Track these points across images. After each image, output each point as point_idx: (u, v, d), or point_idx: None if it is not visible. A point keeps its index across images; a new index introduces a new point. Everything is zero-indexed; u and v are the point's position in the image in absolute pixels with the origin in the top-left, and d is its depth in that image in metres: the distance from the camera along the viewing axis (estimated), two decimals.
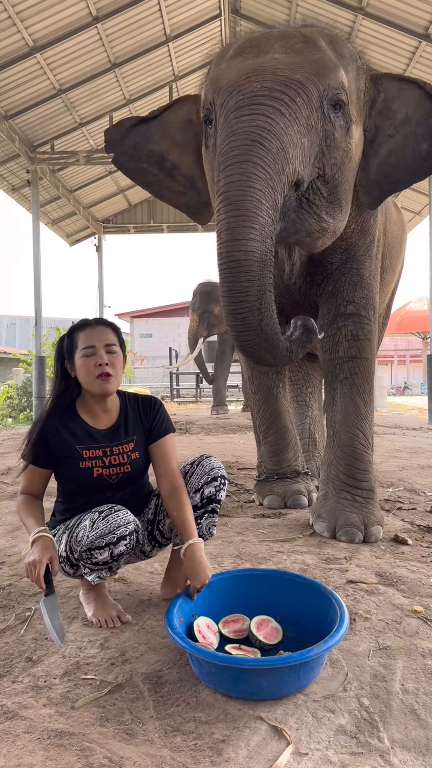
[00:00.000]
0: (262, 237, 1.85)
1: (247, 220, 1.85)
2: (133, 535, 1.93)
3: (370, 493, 3.02)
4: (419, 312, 21.98)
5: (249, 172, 1.95)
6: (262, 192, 1.94)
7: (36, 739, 1.42)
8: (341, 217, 2.68)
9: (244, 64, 2.40)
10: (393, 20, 8.74)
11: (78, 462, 2.02)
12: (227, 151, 2.08)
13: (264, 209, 1.92)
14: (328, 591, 1.87)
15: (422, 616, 2.04)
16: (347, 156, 2.56)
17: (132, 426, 2.12)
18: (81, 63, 9.55)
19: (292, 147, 2.18)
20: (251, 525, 3.20)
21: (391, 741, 1.42)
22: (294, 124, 2.21)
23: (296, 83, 2.29)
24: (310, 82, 2.33)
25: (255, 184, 1.93)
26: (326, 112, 2.38)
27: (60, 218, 14.62)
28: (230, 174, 1.98)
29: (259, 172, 1.97)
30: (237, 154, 2.01)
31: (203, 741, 1.41)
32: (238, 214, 1.86)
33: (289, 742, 1.40)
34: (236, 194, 1.91)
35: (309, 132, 2.31)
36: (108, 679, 1.69)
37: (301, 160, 2.28)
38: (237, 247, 1.81)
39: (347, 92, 2.48)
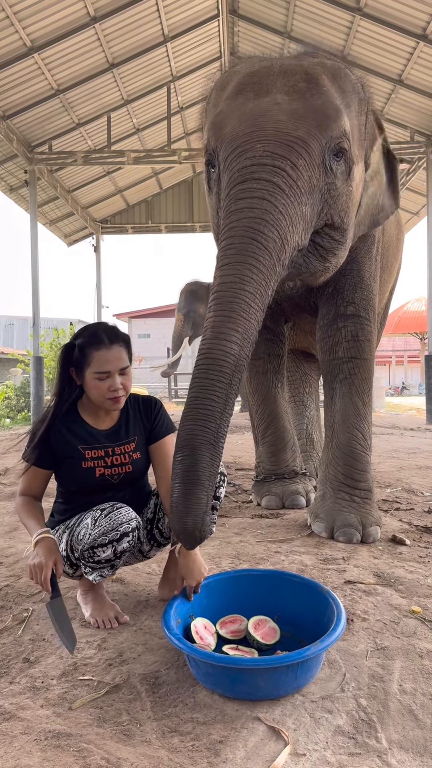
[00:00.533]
0: (242, 341, 1.90)
1: (232, 322, 1.90)
2: (135, 531, 1.94)
3: (368, 494, 3.02)
4: (417, 312, 21.98)
5: (242, 274, 1.99)
6: (252, 295, 1.97)
7: (33, 740, 1.42)
8: (344, 253, 2.69)
9: (246, 109, 2.36)
10: (391, 21, 8.74)
11: (80, 462, 2.02)
12: (225, 245, 2.10)
13: (252, 312, 1.96)
14: (325, 591, 1.87)
15: (420, 616, 2.04)
16: (349, 198, 2.55)
17: (133, 426, 2.13)
18: (79, 63, 9.54)
19: (292, 228, 2.17)
20: (249, 525, 3.19)
21: (389, 741, 1.42)
22: (295, 197, 2.19)
23: (299, 142, 2.24)
24: (312, 138, 2.27)
25: (246, 287, 1.97)
26: (328, 165, 2.35)
27: (58, 218, 14.60)
28: (225, 274, 2.01)
29: (253, 274, 2.00)
30: (234, 254, 2.03)
31: (201, 742, 1.41)
32: (225, 315, 1.91)
33: (287, 742, 1.40)
34: (228, 296, 1.96)
35: (311, 194, 2.28)
36: (105, 679, 1.69)
37: (302, 230, 2.27)
38: (217, 346, 1.86)
39: (349, 137, 2.45)
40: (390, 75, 9.81)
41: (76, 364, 2.01)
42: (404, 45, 9.10)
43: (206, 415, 1.76)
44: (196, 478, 1.69)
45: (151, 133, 12.93)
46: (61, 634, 1.75)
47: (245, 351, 1.92)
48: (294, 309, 3.47)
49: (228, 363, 1.85)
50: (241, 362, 1.89)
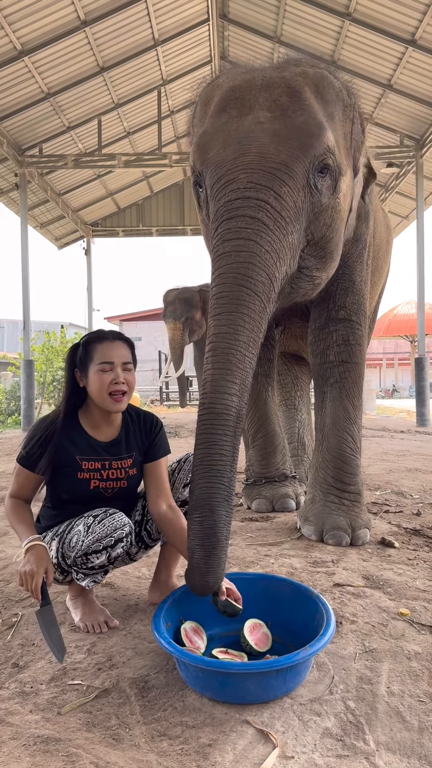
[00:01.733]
0: (241, 391, 1.96)
1: (230, 374, 1.96)
2: (129, 537, 1.95)
3: (357, 497, 3.03)
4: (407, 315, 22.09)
5: (235, 324, 2.04)
6: (246, 344, 2.03)
7: (22, 745, 1.42)
8: (333, 265, 2.69)
9: (230, 131, 2.37)
10: (380, 26, 8.81)
11: (76, 473, 2.01)
12: (217, 293, 2.14)
13: (247, 361, 2.03)
14: (314, 595, 1.88)
15: (408, 618, 2.05)
16: (336, 211, 2.55)
17: (133, 442, 2.12)
18: (69, 66, 9.56)
19: (279, 262, 2.20)
20: (239, 529, 3.20)
21: (377, 743, 1.43)
22: (280, 230, 2.21)
23: (282, 168, 2.25)
24: (295, 161, 2.28)
25: (240, 337, 2.02)
26: (312, 185, 2.36)
27: (48, 221, 14.60)
28: (219, 324, 2.06)
29: (245, 323, 2.05)
30: (225, 303, 2.08)
31: (190, 745, 1.42)
32: (222, 368, 1.97)
33: (276, 745, 1.41)
34: (222, 347, 2.01)
35: (297, 220, 2.30)
36: (95, 684, 1.69)
37: (290, 258, 2.30)
38: (219, 400, 1.92)
39: (334, 151, 2.45)
40: (379, 80, 9.89)
41: (81, 363, 2.02)
42: (393, 50, 9.18)
43: (219, 471, 1.82)
44: (216, 540, 1.75)
45: (141, 136, 12.96)
46: (50, 643, 1.75)
47: (244, 400, 1.99)
48: (285, 313, 3.49)
49: (231, 416, 1.91)
50: (241, 412, 1.97)
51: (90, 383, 2.01)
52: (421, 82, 9.62)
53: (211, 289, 2.22)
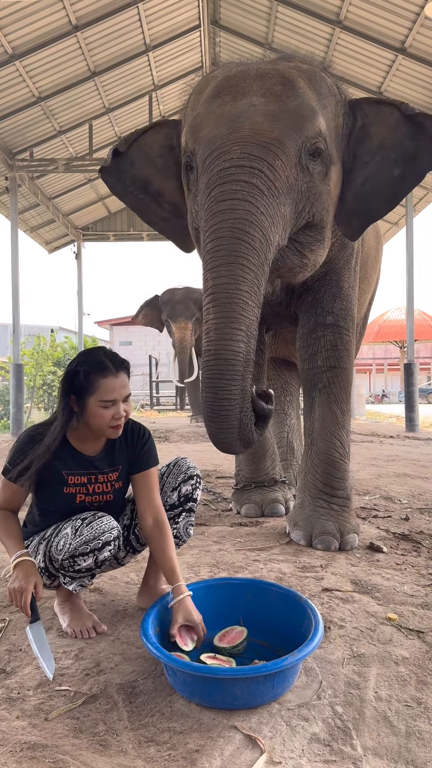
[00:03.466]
0: (247, 338, 1.99)
1: (235, 321, 1.98)
2: (117, 540, 1.94)
3: (346, 501, 3.04)
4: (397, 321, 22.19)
5: (235, 275, 2.06)
6: (248, 293, 2.05)
7: (9, 751, 1.41)
8: (322, 251, 2.72)
9: (223, 112, 2.40)
10: (370, 34, 8.87)
11: (62, 487, 1.99)
12: (212, 248, 2.13)
13: (250, 309, 2.04)
14: (303, 600, 1.88)
15: (396, 623, 2.06)
16: (328, 196, 2.59)
17: (119, 454, 2.08)
18: (61, 71, 9.55)
19: (273, 227, 2.22)
20: (228, 534, 3.20)
21: (364, 748, 1.44)
22: (274, 198, 2.23)
23: (275, 143, 2.29)
24: (288, 138, 2.32)
25: (241, 286, 2.04)
26: (305, 165, 2.39)
27: (39, 225, 14.54)
28: (217, 276, 2.06)
29: (245, 273, 2.07)
30: (223, 255, 2.09)
31: (177, 751, 1.41)
32: (226, 316, 1.99)
33: (263, 750, 1.41)
34: (224, 297, 2.02)
35: (289, 193, 2.33)
36: (82, 690, 1.68)
37: (282, 230, 2.31)
38: (226, 347, 1.93)
39: (325, 137, 2.49)
40: (369, 87, 9.95)
41: (80, 391, 1.93)
42: (383, 58, 9.25)
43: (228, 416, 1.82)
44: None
45: None
46: (41, 659, 1.73)
47: (251, 347, 2.01)
48: (275, 318, 3.50)
49: (239, 361, 1.91)
50: (249, 358, 1.97)
51: (89, 415, 1.93)
52: (411, 90, 9.70)
53: (204, 246, 2.22)
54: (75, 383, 1.93)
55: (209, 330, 1.98)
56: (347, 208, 2.83)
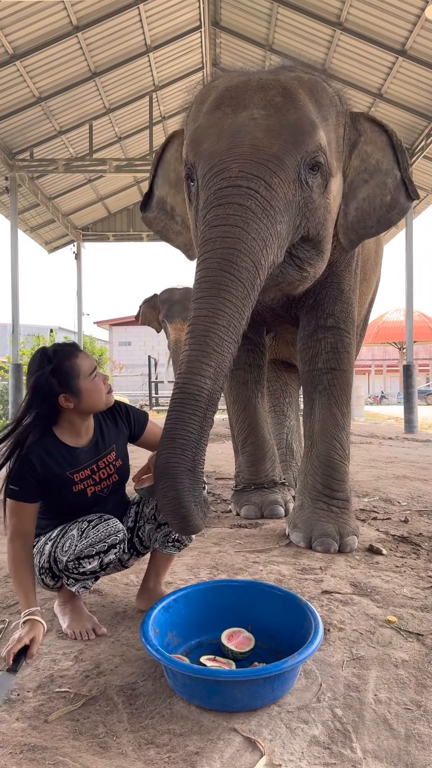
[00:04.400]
0: (215, 374, 1.97)
1: (206, 357, 1.97)
2: (122, 543, 1.95)
3: (345, 503, 3.04)
4: (396, 322, 22.25)
5: (215, 308, 2.04)
6: (225, 328, 2.04)
7: (8, 753, 1.41)
8: (322, 263, 2.72)
9: (224, 125, 2.40)
10: (371, 36, 8.88)
11: (71, 487, 1.99)
12: (199, 278, 2.14)
13: (225, 346, 2.03)
14: (303, 602, 1.88)
15: (396, 626, 2.06)
16: (326, 210, 2.59)
17: (108, 435, 2.12)
18: (61, 71, 9.56)
19: (266, 250, 2.22)
20: (228, 535, 3.20)
21: (364, 751, 1.44)
22: (269, 219, 2.23)
23: (273, 160, 2.29)
24: (287, 155, 2.33)
25: (219, 321, 2.03)
26: (303, 180, 2.40)
27: (39, 225, 14.55)
28: (199, 307, 2.07)
29: (226, 307, 2.05)
30: (206, 288, 2.09)
31: (177, 753, 1.41)
32: (199, 350, 1.98)
33: (263, 753, 1.41)
34: (201, 330, 2.02)
35: (287, 211, 2.33)
36: (82, 691, 1.68)
37: (278, 248, 2.31)
38: (192, 381, 1.93)
39: (325, 150, 2.50)
40: (370, 89, 9.97)
41: (65, 386, 1.93)
42: (384, 60, 9.26)
43: (183, 444, 1.84)
44: (183, 508, 1.79)
45: (133, 141, 12.97)
46: None
47: (218, 384, 2.00)
48: (275, 320, 3.50)
49: (202, 398, 1.93)
50: (214, 396, 1.98)
51: (86, 395, 1.95)
52: (411, 92, 9.71)
53: (195, 275, 2.23)
54: (59, 380, 1.92)
55: (182, 362, 2.01)
56: (349, 220, 2.86)
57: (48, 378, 1.92)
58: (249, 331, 3.55)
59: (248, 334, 3.56)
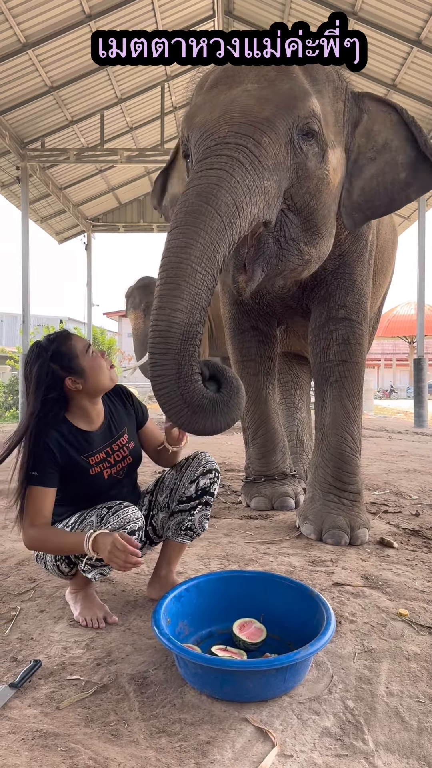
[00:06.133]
0: (189, 308, 1.89)
1: (177, 290, 1.89)
2: (141, 531, 1.95)
3: (356, 496, 3.03)
4: (406, 316, 22.14)
5: (189, 237, 1.98)
6: (198, 259, 1.96)
7: (21, 739, 1.41)
8: (323, 243, 2.68)
9: (218, 101, 2.42)
10: (385, 26, 8.79)
11: (88, 471, 2.01)
12: (177, 211, 2.10)
13: (198, 278, 1.95)
14: (314, 594, 1.87)
15: (407, 619, 2.05)
16: (323, 182, 2.56)
17: (118, 418, 2.15)
18: (73, 60, 9.52)
19: (249, 198, 2.17)
20: (238, 526, 3.20)
21: (376, 743, 1.43)
22: (255, 171, 2.21)
23: (263, 122, 2.29)
24: (278, 118, 2.32)
25: (192, 251, 1.95)
26: (296, 144, 2.39)
27: (49, 216, 14.56)
28: (172, 238, 2.02)
29: (199, 237, 1.98)
30: (182, 217, 2.04)
31: (188, 742, 1.41)
32: (170, 283, 1.91)
33: (275, 743, 1.41)
34: (173, 262, 1.96)
35: (277, 171, 2.31)
36: (93, 679, 1.68)
37: (264, 203, 2.26)
38: (162, 317, 1.87)
39: (320, 118, 2.49)
40: (383, 80, 9.87)
41: (68, 367, 1.96)
42: (398, 50, 9.17)
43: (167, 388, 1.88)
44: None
45: (144, 132, 12.93)
46: None
47: (195, 318, 1.92)
48: (286, 311, 3.48)
49: (174, 334, 1.86)
50: (192, 330, 1.89)
51: (90, 373, 1.99)
52: (426, 83, 9.62)
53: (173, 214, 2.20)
54: (61, 363, 1.96)
55: (155, 297, 1.96)
56: (354, 199, 2.83)
57: (50, 365, 1.95)
58: (260, 323, 3.55)
59: (259, 325, 3.56)
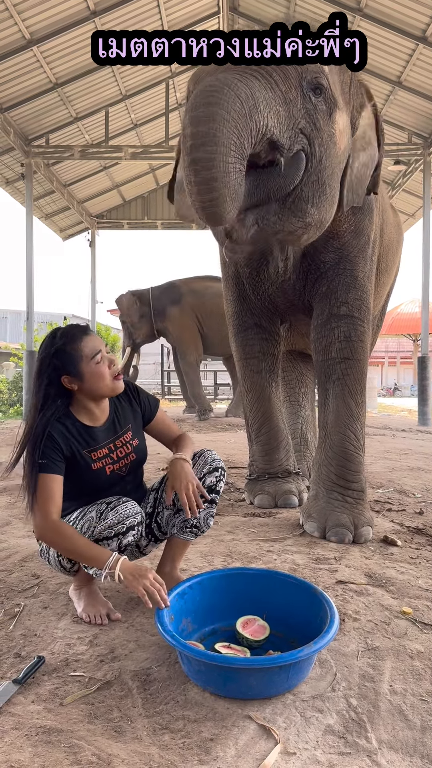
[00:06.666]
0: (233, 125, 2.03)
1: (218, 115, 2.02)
2: (140, 526, 1.95)
3: (360, 494, 3.03)
4: (410, 314, 22.08)
5: (219, 101, 2.04)
6: (230, 121, 2.03)
7: (24, 735, 1.42)
8: (327, 207, 2.65)
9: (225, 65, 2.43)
10: (391, 22, 8.74)
11: (90, 465, 2.01)
12: (195, 96, 2.13)
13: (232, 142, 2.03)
14: (318, 592, 1.87)
15: (411, 617, 2.05)
16: (331, 140, 2.56)
17: (123, 415, 2.15)
18: (78, 57, 9.49)
19: (264, 102, 2.19)
20: (242, 524, 3.20)
21: (379, 741, 1.43)
22: (268, 90, 2.23)
23: (273, 66, 2.32)
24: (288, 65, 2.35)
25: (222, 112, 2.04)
26: (306, 93, 2.41)
27: (53, 212, 14.54)
28: (197, 114, 2.06)
29: (226, 113, 2.04)
30: (205, 98, 2.07)
31: (192, 739, 1.41)
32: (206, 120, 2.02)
33: (278, 741, 1.41)
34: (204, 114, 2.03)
35: (286, 103, 2.32)
36: (97, 676, 1.69)
37: (276, 120, 2.27)
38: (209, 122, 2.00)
39: (327, 76, 2.51)
40: (389, 76, 9.83)
41: (70, 366, 1.96)
42: (403, 47, 9.12)
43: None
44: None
45: (149, 128, 12.90)
46: None
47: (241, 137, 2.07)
48: (289, 308, 3.48)
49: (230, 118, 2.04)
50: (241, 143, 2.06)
51: (89, 379, 1.98)
52: (431, 80, 9.57)
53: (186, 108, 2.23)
54: (62, 362, 1.97)
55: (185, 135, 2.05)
56: (353, 175, 2.87)
57: (51, 360, 1.97)
58: (263, 320, 3.55)
59: (262, 322, 3.55)
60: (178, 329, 10.15)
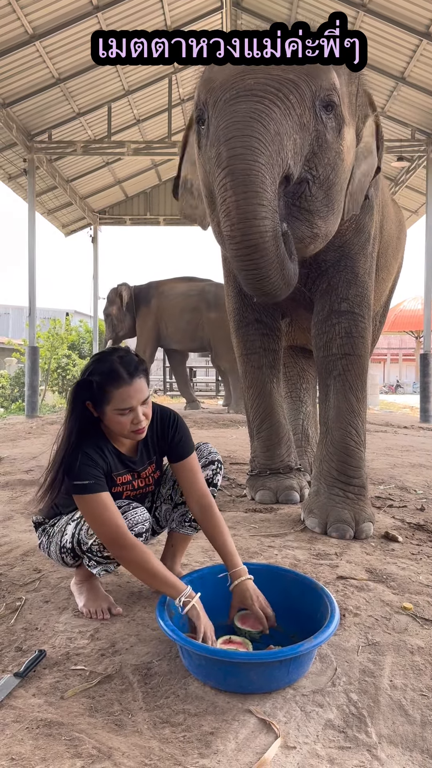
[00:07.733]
0: (271, 214, 1.96)
1: (257, 197, 1.96)
2: (148, 533, 1.97)
3: (361, 490, 3.03)
4: (413, 311, 22.04)
5: (252, 146, 2.04)
6: (266, 167, 2.04)
7: (25, 728, 1.42)
8: (333, 219, 2.69)
9: (237, 67, 2.41)
10: (394, 18, 8.71)
11: (111, 488, 1.95)
12: (227, 125, 2.12)
13: (269, 184, 2.04)
14: (319, 587, 1.87)
15: (411, 613, 2.05)
16: (339, 157, 2.58)
17: (152, 447, 2.08)
18: (81, 52, 9.47)
19: (286, 136, 2.22)
20: (243, 519, 3.20)
21: (379, 736, 1.43)
22: (288, 118, 2.25)
23: (289, 82, 2.32)
24: (302, 82, 2.36)
25: (259, 158, 2.02)
26: (318, 113, 2.42)
27: (56, 208, 14.54)
28: (233, 147, 2.04)
29: (262, 147, 2.04)
30: (239, 128, 2.08)
31: (192, 733, 1.42)
32: (245, 191, 1.96)
33: (278, 735, 1.41)
34: (242, 168, 1.99)
35: (301, 130, 2.35)
36: (98, 670, 1.69)
37: (293, 153, 2.30)
38: (250, 229, 1.90)
39: (339, 92, 2.51)
40: (392, 72, 9.79)
41: (94, 399, 1.87)
42: (407, 42, 9.08)
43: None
44: None
45: (151, 124, 12.88)
46: None
47: (277, 221, 2.03)
48: (290, 304, 3.47)
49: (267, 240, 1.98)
50: (277, 231, 2.02)
51: (108, 421, 1.90)
52: None
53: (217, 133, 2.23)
54: (90, 393, 1.87)
55: (229, 210, 1.99)
56: (354, 185, 2.87)
57: (83, 383, 1.88)
58: (264, 316, 3.55)
59: (263, 318, 3.55)
60: (139, 329, 11.11)
